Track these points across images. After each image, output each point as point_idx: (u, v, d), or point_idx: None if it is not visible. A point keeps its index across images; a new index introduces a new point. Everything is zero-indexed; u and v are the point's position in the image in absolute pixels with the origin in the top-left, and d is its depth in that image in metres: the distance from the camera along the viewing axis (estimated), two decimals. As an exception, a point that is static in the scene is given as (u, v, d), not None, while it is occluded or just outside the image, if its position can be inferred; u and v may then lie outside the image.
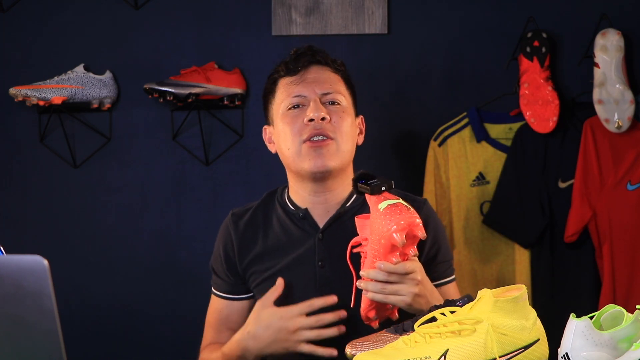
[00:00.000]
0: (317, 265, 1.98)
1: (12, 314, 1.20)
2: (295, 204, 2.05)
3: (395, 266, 1.75)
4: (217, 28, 3.05)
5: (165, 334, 3.07)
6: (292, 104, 2.01)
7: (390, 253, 1.75)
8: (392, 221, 1.73)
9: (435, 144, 2.94)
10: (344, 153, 1.99)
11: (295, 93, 2.01)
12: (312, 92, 2.01)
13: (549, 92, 2.86)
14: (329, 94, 2.01)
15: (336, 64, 2.07)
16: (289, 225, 2.04)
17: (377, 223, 1.75)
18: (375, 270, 1.75)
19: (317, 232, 2.01)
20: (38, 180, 3.08)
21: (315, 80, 2.02)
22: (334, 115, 1.99)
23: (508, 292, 1.43)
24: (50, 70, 3.00)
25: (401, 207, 1.76)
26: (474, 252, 2.93)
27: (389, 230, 1.72)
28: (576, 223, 2.83)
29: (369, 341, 1.60)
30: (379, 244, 1.74)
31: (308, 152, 1.96)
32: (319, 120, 1.96)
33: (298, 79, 2.03)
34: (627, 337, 1.32)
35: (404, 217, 1.74)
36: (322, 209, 2.02)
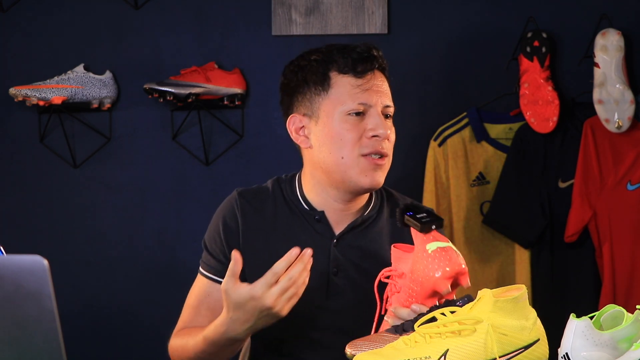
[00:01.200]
0: (330, 272, 1.89)
1: (12, 314, 1.20)
2: (311, 205, 1.93)
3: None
4: (217, 28, 3.05)
5: (165, 333, 3.06)
6: (356, 110, 1.86)
7: (429, 298, 1.66)
8: (440, 267, 1.64)
9: (435, 144, 2.94)
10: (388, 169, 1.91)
11: (362, 100, 1.86)
12: (378, 102, 1.88)
13: (549, 92, 2.86)
14: (389, 107, 1.90)
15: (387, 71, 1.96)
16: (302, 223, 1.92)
17: (422, 264, 1.65)
18: (409, 311, 1.65)
19: (332, 237, 1.91)
20: (38, 180, 3.08)
21: (380, 90, 1.89)
22: (390, 132, 1.89)
23: (508, 292, 1.43)
24: (50, 70, 3.00)
25: (451, 252, 1.67)
26: (474, 252, 2.93)
27: (434, 276, 1.64)
28: (576, 223, 2.83)
29: (369, 341, 1.60)
30: (421, 286, 1.66)
31: (366, 168, 1.85)
32: (385, 138, 1.87)
33: (366, 84, 1.88)
34: (627, 337, 1.32)
35: (452, 264, 1.65)
36: (341, 215, 1.92)
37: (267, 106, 3.04)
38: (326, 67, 1.89)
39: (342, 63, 1.89)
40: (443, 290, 1.65)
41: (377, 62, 1.91)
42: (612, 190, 2.84)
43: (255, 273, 1.83)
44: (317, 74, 1.89)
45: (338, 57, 1.89)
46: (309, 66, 1.91)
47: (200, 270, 1.99)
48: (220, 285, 1.84)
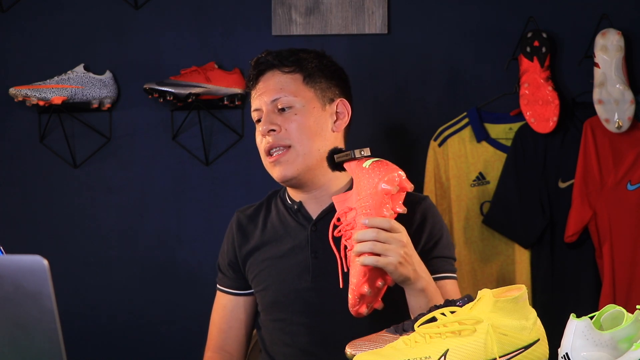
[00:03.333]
0: (309, 256, 2.00)
1: (12, 314, 1.20)
2: (291, 198, 2.08)
3: (380, 220, 1.74)
4: (217, 28, 3.05)
5: (165, 333, 3.07)
6: (255, 119, 2.04)
7: (382, 205, 1.76)
8: (380, 173, 1.75)
9: (435, 144, 2.94)
10: (308, 156, 1.99)
11: (254, 107, 2.04)
12: (263, 103, 2.02)
13: (549, 92, 2.86)
14: (276, 100, 2.01)
15: (292, 61, 2.05)
16: (286, 218, 2.06)
17: (365, 180, 1.77)
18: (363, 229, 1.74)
19: (310, 223, 2.02)
20: (38, 180, 3.08)
21: (265, 89, 2.02)
22: (285, 122, 1.99)
23: (508, 292, 1.43)
24: (50, 70, 3.00)
25: (386, 162, 1.79)
26: (474, 252, 2.93)
27: (378, 181, 1.75)
28: (576, 223, 2.83)
29: (369, 341, 1.60)
30: (371, 199, 1.75)
31: (269, 165, 2.02)
32: (267, 133, 1.99)
33: (256, 92, 2.04)
34: (627, 337, 1.32)
35: (390, 168, 1.77)
36: (315, 203, 2.04)
37: (267, 106, 3.03)
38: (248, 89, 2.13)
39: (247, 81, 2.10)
40: (392, 188, 1.75)
41: (263, 64, 2.05)
42: (612, 190, 2.84)
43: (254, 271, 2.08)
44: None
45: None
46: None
47: (217, 286, 2.16)
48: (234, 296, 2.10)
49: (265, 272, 2.04)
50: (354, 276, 1.77)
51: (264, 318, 2.07)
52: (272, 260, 2.04)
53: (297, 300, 2.00)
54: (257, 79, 2.05)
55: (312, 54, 2.08)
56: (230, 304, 2.11)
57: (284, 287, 2.01)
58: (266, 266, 2.05)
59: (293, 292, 2.00)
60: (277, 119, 1.99)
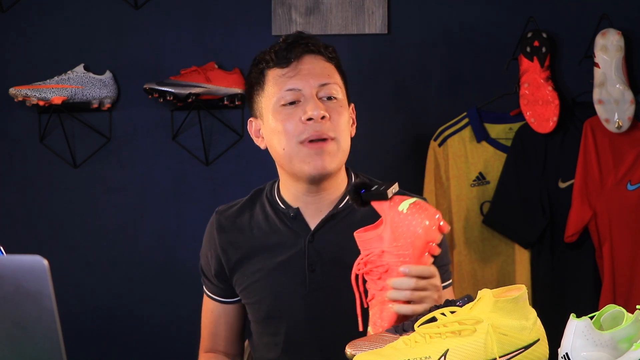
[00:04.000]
0: (306, 269, 1.85)
1: (12, 314, 1.20)
2: (286, 202, 1.90)
3: (422, 269, 1.61)
4: (217, 28, 3.05)
5: (165, 333, 3.07)
6: (287, 100, 1.82)
7: (423, 255, 1.64)
8: (422, 219, 1.61)
9: (435, 144, 2.94)
10: (344, 153, 1.84)
11: (288, 86, 1.81)
12: (308, 85, 1.81)
13: (549, 92, 2.86)
14: (326, 85, 1.82)
15: (328, 51, 1.88)
16: (277, 225, 1.89)
17: (403, 226, 1.62)
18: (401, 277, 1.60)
19: (308, 233, 1.87)
20: (38, 180, 3.08)
21: (311, 71, 1.83)
22: (333, 112, 1.81)
23: (508, 292, 1.43)
24: (50, 70, 3.00)
25: (423, 204, 1.65)
26: (474, 252, 2.93)
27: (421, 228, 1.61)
28: (576, 223, 2.83)
29: (369, 341, 1.60)
30: (412, 247, 1.62)
31: (307, 155, 1.80)
32: (319, 119, 1.78)
33: (291, 71, 1.83)
34: (627, 337, 1.32)
35: (430, 213, 1.63)
36: (314, 209, 1.87)
37: (267, 106, 3.04)
38: (261, 66, 1.88)
39: (269, 58, 1.86)
40: (436, 237, 1.63)
41: (304, 46, 1.85)
42: (612, 190, 2.84)
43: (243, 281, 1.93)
44: (255, 75, 1.89)
45: (269, 55, 1.87)
46: (251, 69, 1.91)
47: (204, 289, 2.06)
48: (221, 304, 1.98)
49: (258, 284, 1.90)
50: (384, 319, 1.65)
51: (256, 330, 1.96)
52: (264, 272, 1.89)
53: (292, 315, 1.88)
54: (296, 58, 1.83)
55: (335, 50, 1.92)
56: (217, 310, 2.00)
57: (278, 301, 1.87)
58: (258, 278, 1.90)
59: (287, 307, 1.87)
60: (325, 106, 1.81)
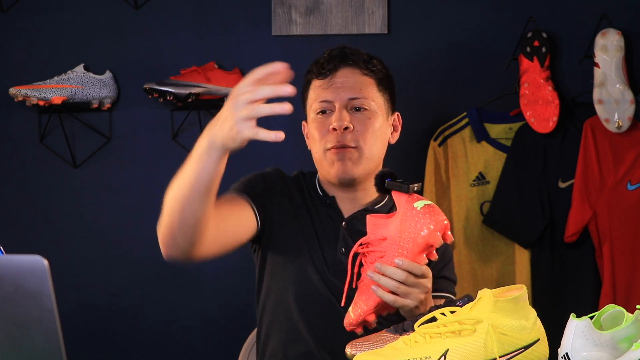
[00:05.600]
0: (339, 250, 1.99)
1: (12, 314, 1.20)
2: (324, 190, 2.07)
3: (415, 266, 1.72)
4: (217, 28, 3.05)
5: (165, 333, 3.07)
6: (320, 109, 2.01)
7: (421, 254, 1.72)
8: (431, 221, 1.70)
9: (435, 144, 2.94)
10: (369, 160, 1.99)
11: (322, 98, 2.01)
12: (338, 97, 2.00)
13: (549, 92, 2.86)
14: (355, 99, 1.99)
15: (370, 65, 2.04)
16: (315, 206, 2.05)
17: (412, 221, 1.71)
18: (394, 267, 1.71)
19: (342, 219, 2.02)
20: (38, 180, 3.08)
21: (343, 85, 2.00)
22: (358, 124, 1.98)
23: (508, 292, 1.43)
24: (50, 70, 3.00)
25: (437, 209, 1.73)
26: (474, 252, 2.93)
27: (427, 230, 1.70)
28: (576, 223, 2.83)
29: (369, 341, 1.60)
30: (413, 242, 1.70)
31: (332, 159, 1.98)
32: (341, 130, 1.96)
33: (327, 83, 2.01)
34: (627, 337, 1.32)
35: (440, 218, 1.72)
36: (349, 202, 2.04)
37: (267, 106, 3.03)
38: (308, 76, 2.08)
39: (313, 69, 2.06)
40: (437, 242, 1.71)
41: (341, 59, 2.02)
42: (612, 190, 2.84)
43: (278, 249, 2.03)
44: (305, 84, 2.08)
45: (313, 67, 2.06)
46: (303, 80, 2.09)
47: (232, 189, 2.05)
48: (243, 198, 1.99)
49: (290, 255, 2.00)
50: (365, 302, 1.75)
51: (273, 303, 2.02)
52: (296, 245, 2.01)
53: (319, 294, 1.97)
54: (334, 71, 2.01)
55: (381, 63, 2.08)
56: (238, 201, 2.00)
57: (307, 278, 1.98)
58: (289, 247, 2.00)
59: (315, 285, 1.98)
60: (351, 117, 1.98)
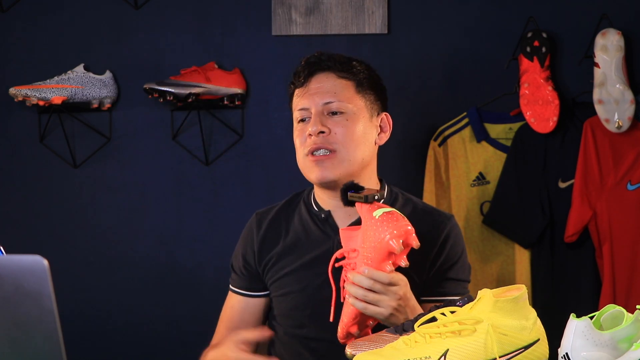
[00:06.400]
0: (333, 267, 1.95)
1: (12, 314, 1.20)
2: (319, 206, 2.05)
3: (379, 274, 1.73)
4: (217, 28, 3.05)
5: (165, 333, 3.07)
6: (299, 118, 2.02)
7: (384, 261, 1.74)
8: (388, 228, 1.72)
9: (435, 144, 2.94)
10: (351, 162, 1.97)
11: (300, 106, 2.01)
12: (313, 103, 1.99)
13: (549, 92, 2.86)
14: (330, 103, 1.99)
15: (347, 67, 2.03)
16: (310, 225, 2.04)
17: (371, 230, 1.74)
18: (361, 275, 1.74)
19: (337, 234, 1.97)
20: (38, 180, 3.08)
21: (318, 90, 2.00)
22: (335, 126, 1.97)
23: (508, 292, 1.43)
24: (50, 70, 3.00)
25: (396, 215, 1.75)
26: (474, 252, 2.93)
27: (384, 237, 1.72)
28: (576, 223, 2.83)
29: (369, 341, 1.60)
30: (374, 251, 1.73)
31: (310, 165, 1.98)
32: (317, 134, 1.96)
33: (303, 91, 2.02)
34: (627, 337, 1.32)
35: (399, 224, 1.73)
36: (344, 213, 2.01)
37: (267, 106, 3.04)
38: (291, 86, 2.08)
39: (293, 79, 2.06)
40: (396, 248, 1.72)
41: (316, 65, 2.03)
42: (612, 190, 2.84)
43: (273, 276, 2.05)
44: (289, 93, 2.09)
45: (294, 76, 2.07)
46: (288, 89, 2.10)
47: (229, 287, 2.15)
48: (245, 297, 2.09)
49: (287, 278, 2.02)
50: (345, 315, 1.79)
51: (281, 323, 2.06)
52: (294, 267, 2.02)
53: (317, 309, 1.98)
54: (308, 78, 2.02)
55: (362, 64, 2.07)
56: (238, 304, 2.10)
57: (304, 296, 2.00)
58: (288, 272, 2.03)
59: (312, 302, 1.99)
60: (327, 121, 1.98)
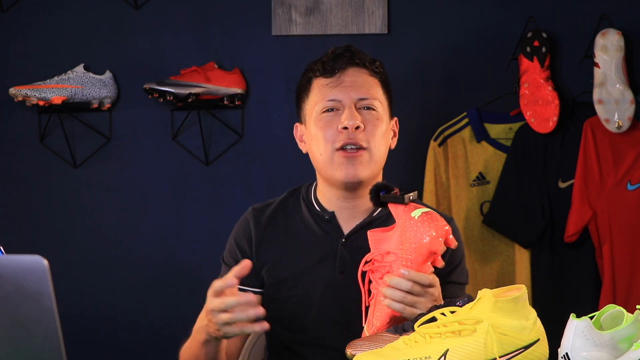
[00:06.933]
0: (336, 270, 1.93)
1: (12, 314, 1.20)
2: (322, 206, 1.98)
3: (421, 276, 1.69)
4: (217, 28, 3.05)
5: (165, 333, 3.07)
6: (326, 107, 1.93)
7: (425, 263, 1.70)
8: (430, 229, 1.68)
9: (435, 144, 2.94)
10: (377, 162, 1.93)
11: (330, 97, 1.93)
12: (348, 96, 1.93)
13: (549, 92, 2.86)
14: (365, 99, 1.93)
15: (374, 66, 1.98)
16: (312, 226, 1.98)
17: (411, 231, 1.69)
18: (399, 277, 1.68)
19: (341, 237, 1.94)
20: (38, 180, 3.08)
21: (353, 84, 1.94)
22: (368, 124, 1.92)
23: (508, 292, 1.43)
24: (50, 70, 3.00)
25: (435, 215, 1.71)
26: (474, 252, 2.93)
27: (425, 238, 1.68)
28: (576, 223, 2.83)
29: (369, 341, 1.60)
30: (416, 252, 1.68)
31: (340, 162, 1.90)
32: (354, 129, 1.89)
33: (334, 82, 1.94)
34: (627, 337, 1.32)
35: (439, 225, 1.70)
36: (349, 214, 1.96)
37: (267, 106, 3.04)
38: (309, 74, 1.99)
39: (316, 67, 1.98)
40: (439, 249, 1.69)
41: (349, 58, 1.96)
42: (612, 190, 2.84)
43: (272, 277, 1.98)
44: (303, 83, 2.00)
45: (317, 65, 1.98)
46: (301, 77, 2.02)
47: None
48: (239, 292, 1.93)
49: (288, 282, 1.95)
50: (377, 318, 1.73)
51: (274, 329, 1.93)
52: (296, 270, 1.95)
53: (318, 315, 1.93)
54: (341, 69, 1.94)
55: (382, 66, 2.02)
56: None
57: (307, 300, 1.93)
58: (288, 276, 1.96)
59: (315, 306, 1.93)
60: (361, 117, 1.92)
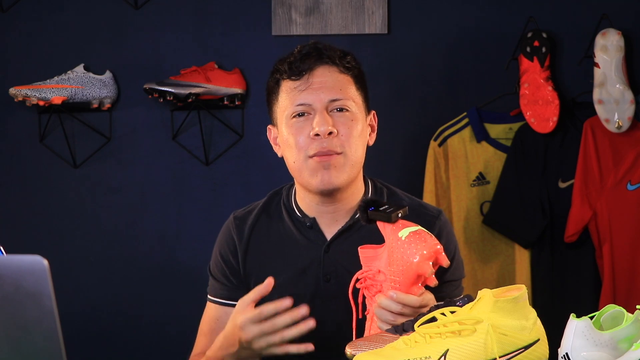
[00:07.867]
0: (322, 279, 1.87)
1: (12, 314, 1.20)
2: (303, 212, 1.90)
3: (409, 299, 1.63)
4: (217, 28, 3.05)
5: (165, 333, 3.07)
6: (296, 112, 1.83)
7: (413, 284, 1.65)
8: (417, 250, 1.62)
9: (435, 144, 2.94)
10: (354, 165, 1.84)
11: (299, 101, 1.82)
12: (318, 99, 1.82)
13: (549, 92, 2.86)
14: (337, 100, 1.82)
15: (345, 61, 1.86)
16: (294, 234, 1.90)
17: (398, 252, 1.63)
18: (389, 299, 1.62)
19: (324, 243, 1.88)
20: (38, 180, 3.08)
21: (322, 85, 1.83)
22: (342, 127, 1.81)
23: (508, 292, 1.43)
24: (50, 70, 3.00)
25: (424, 234, 1.65)
26: (474, 252, 2.93)
27: (413, 260, 1.62)
28: (576, 223, 2.83)
29: (369, 341, 1.60)
30: (403, 275, 1.64)
31: (315, 167, 1.81)
32: (326, 135, 1.79)
33: (303, 84, 1.83)
34: (627, 337, 1.32)
35: (428, 245, 1.63)
36: (330, 219, 1.88)
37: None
38: (276, 75, 1.89)
39: (283, 68, 1.86)
40: (427, 271, 1.63)
41: (317, 57, 1.85)
42: (612, 190, 2.84)
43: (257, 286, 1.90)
44: (272, 84, 1.90)
45: (284, 66, 1.87)
46: (269, 78, 1.91)
47: (208, 297, 2.00)
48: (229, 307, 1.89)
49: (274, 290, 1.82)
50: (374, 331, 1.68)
51: None
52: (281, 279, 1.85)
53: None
54: (309, 70, 1.83)
55: (355, 59, 1.90)
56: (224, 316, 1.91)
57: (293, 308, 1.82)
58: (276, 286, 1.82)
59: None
60: (333, 120, 1.81)
